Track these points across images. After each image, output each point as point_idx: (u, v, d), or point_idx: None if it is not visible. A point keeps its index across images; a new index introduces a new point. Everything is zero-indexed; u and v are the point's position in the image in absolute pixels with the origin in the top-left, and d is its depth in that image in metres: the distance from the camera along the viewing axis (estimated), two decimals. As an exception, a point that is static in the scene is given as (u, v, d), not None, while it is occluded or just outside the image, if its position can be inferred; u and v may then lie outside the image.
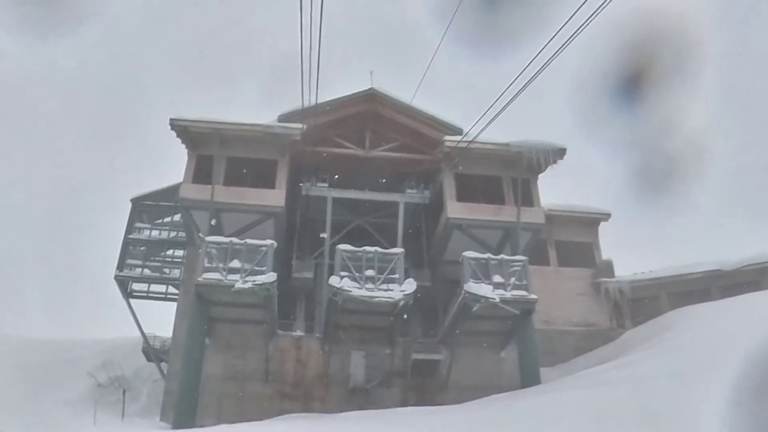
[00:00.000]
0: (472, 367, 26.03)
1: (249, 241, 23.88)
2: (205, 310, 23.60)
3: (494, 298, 23.33)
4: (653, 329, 25.62)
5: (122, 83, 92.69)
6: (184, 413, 22.18)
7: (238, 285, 22.35)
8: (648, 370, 16.99)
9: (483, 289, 23.43)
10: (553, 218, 32.02)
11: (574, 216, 34.45)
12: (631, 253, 37.44)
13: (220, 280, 22.95)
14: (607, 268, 34.35)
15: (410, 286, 23.26)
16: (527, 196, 27.51)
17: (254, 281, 22.31)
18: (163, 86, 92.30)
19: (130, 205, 31.82)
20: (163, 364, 29.29)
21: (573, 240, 34.51)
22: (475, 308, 23.65)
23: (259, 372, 24.52)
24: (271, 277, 22.53)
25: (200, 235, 24.71)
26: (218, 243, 23.96)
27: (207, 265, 23.44)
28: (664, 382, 14.18)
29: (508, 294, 24.29)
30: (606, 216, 35.40)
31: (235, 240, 24.02)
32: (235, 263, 23.29)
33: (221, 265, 23.34)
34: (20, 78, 71.63)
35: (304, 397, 24.55)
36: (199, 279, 23.15)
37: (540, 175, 28.26)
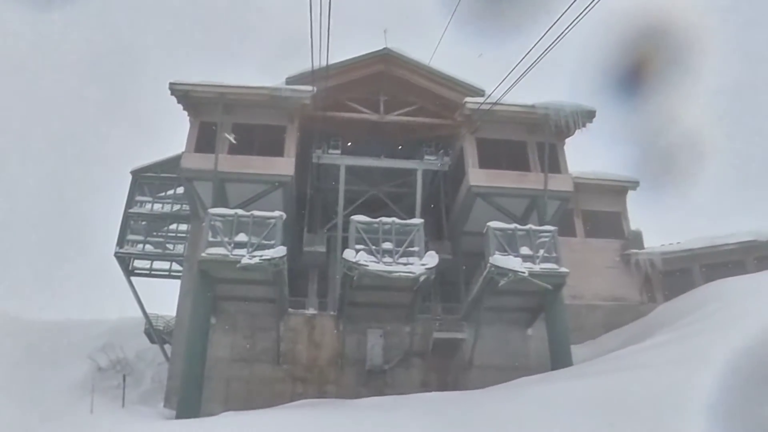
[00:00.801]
0: (496, 345, 24.66)
1: (256, 213, 22.23)
2: (209, 288, 21.93)
3: (523, 272, 21.49)
4: (687, 304, 23.95)
5: (120, 51, 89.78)
6: (188, 399, 20.56)
7: (245, 260, 20.69)
8: (686, 352, 15.19)
9: (511, 262, 21.61)
10: (579, 186, 29.80)
11: (601, 184, 32.51)
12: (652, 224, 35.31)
13: (225, 255, 21.29)
14: (637, 239, 32.45)
15: (432, 259, 21.50)
16: (554, 162, 25.82)
17: (262, 256, 20.62)
18: (163, 53, 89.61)
19: (130, 177, 30.30)
20: (167, 347, 27.77)
21: (600, 210, 32.61)
22: (501, 283, 21.85)
23: (269, 354, 23.23)
24: (280, 251, 20.81)
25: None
26: (223, 215, 22.26)
27: (211, 239, 21.77)
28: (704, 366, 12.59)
29: (537, 267, 22.53)
30: (634, 184, 33.46)
31: (240, 212, 22.31)
32: (242, 237, 21.68)
33: (226, 239, 21.66)
34: (14, 48, 69.17)
35: (317, 380, 23.30)
36: (203, 254, 21.49)
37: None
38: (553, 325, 23.31)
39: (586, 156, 28.81)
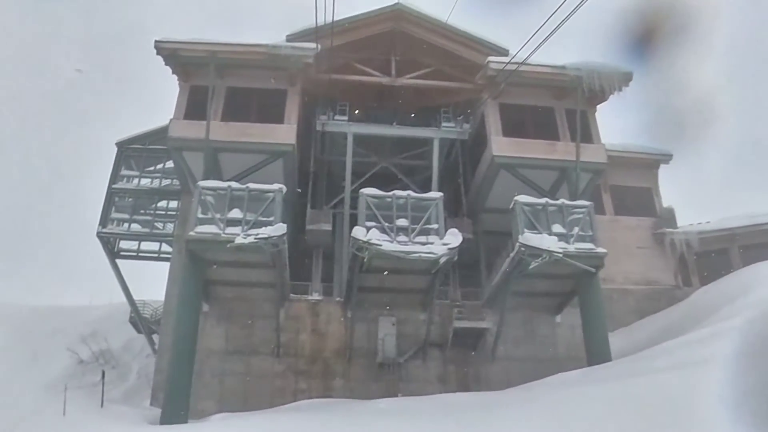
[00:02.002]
0: (522, 335, 23.05)
1: (252, 185, 19.99)
2: (200, 271, 19.71)
3: (559, 253, 18.94)
4: (728, 289, 22.31)
5: (116, 25, 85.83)
6: (174, 398, 18.15)
7: (239, 239, 18.34)
8: (744, 347, 12.82)
9: (546, 241, 19.11)
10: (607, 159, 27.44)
11: (631, 157, 30.31)
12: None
13: (216, 234, 18.99)
14: (669, 217, 30.28)
15: (455, 238, 19.01)
16: (585, 131, 23.50)
17: (258, 234, 18.14)
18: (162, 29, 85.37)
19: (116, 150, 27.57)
20: (156, 337, 25.17)
21: (630, 185, 30.56)
22: (532, 265, 19.45)
23: (269, 345, 21.44)
24: (279, 229, 18.34)
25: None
26: (214, 189, 19.96)
27: (201, 216, 19.47)
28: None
29: (571, 247, 20.10)
30: (667, 157, 31.39)
31: (235, 185, 20.00)
32: (236, 213, 19.41)
33: (218, 215, 19.37)
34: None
35: (322, 375, 21.56)
36: (191, 233, 19.17)
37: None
38: (588, 312, 21.05)
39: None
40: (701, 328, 17.70)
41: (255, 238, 18.03)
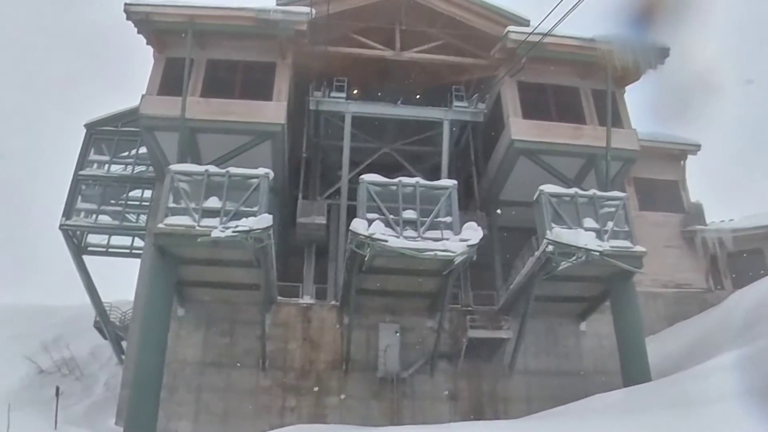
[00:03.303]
0: (543, 344, 21.06)
1: (234, 170, 17.53)
2: (171, 270, 17.30)
3: (596, 251, 16.37)
4: (763, 296, 20.31)
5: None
6: (138, 417, 15.78)
7: (216, 233, 15.69)
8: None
9: (582, 238, 16.40)
10: (640, 147, 25.75)
11: (656, 147, 28.04)
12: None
13: (190, 226, 16.53)
14: (698, 213, 28.18)
15: (475, 233, 16.48)
16: (615, 114, 21.40)
17: (237, 227, 15.23)
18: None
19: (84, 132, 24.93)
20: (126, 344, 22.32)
21: (655, 177, 28.36)
22: (562, 265, 17.07)
23: (253, 355, 19.35)
24: (264, 221, 15.69)
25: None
26: (189, 174, 17.44)
27: (172, 205, 17.06)
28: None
29: (606, 245, 17.67)
30: (695, 148, 29.11)
31: (213, 169, 17.51)
32: (213, 202, 17.01)
33: (193, 205, 16.92)
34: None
35: (314, 391, 19.37)
36: (160, 225, 16.72)
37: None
38: (623, 320, 18.78)
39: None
40: (744, 343, 15.26)
41: (233, 231, 15.26)
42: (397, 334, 19.95)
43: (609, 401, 14.32)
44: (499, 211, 22.23)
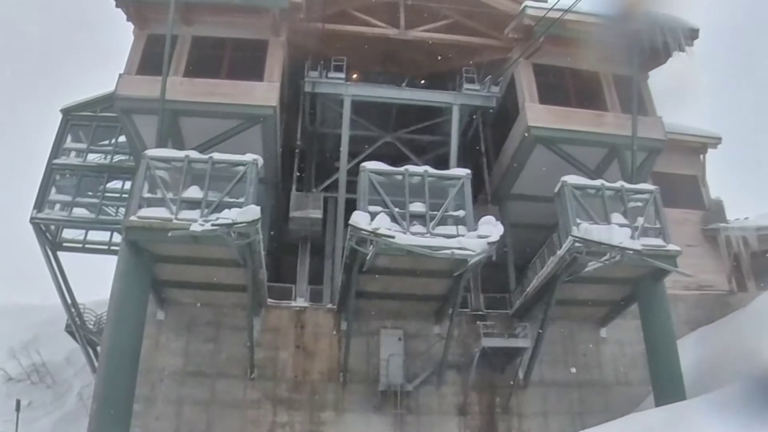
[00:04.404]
0: (560, 353, 19.64)
1: (218, 155, 15.86)
2: (146, 268, 15.60)
3: (632, 250, 14.88)
4: None
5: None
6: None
7: (194, 227, 13.85)
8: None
9: (617, 235, 14.71)
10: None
11: (674, 139, 26.00)
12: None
13: (166, 219, 14.78)
14: (718, 210, 26.72)
15: (495, 229, 14.90)
16: (639, 101, 19.79)
17: (217, 219, 13.49)
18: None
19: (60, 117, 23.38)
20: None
21: (673, 172, 26.38)
22: (590, 266, 15.56)
23: (240, 364, 18.01)
24: (250, 213, 13.90)
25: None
26: (167, 160, 15.80)
27: (147, 195, 15.37)
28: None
29: (637, 243, 16.00)
30: (715, 141, 27.62)
31: (194, 155, 15.81)
32: (194, 192, 15.33)
33: (171, 195, 15.25)
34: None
35: (309, 404, 18.01)
36: (133, 218, 15.00)
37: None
38: (653, 326, 17.37)
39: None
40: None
41: (213, 225, 13.47)
42: (401, 342, 18.74)
43: (650, 422, 12.76)
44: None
